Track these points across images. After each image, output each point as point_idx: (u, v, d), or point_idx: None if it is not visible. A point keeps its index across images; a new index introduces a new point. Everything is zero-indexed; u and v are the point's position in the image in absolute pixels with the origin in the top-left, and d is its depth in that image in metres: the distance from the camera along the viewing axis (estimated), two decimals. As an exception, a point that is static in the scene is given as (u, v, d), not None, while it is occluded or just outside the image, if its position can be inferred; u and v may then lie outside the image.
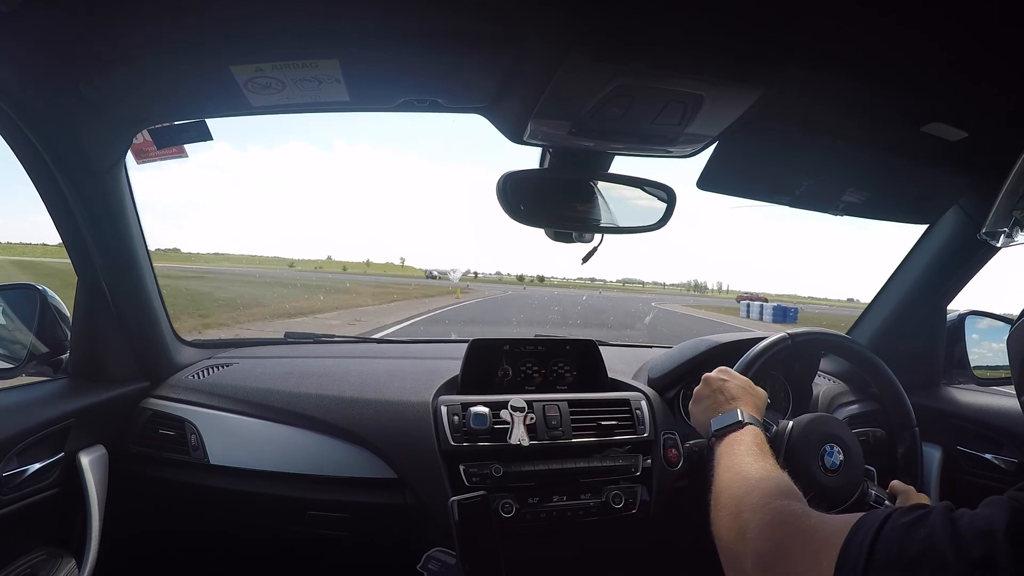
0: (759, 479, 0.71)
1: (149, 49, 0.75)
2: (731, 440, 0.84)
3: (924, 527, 0.43)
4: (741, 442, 0.83)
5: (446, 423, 1.18)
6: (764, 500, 0.64)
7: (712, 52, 0.74)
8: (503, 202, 1.01)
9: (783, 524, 0.59)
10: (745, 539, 0.62)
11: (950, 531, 0.41)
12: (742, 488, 0.70)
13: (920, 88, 0.85)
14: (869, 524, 0.47)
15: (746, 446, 0.82)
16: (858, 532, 0.47)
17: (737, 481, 0.73)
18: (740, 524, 0.64)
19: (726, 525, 0.68)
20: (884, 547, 0.44)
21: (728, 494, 0.72)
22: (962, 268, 1.38)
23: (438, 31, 0.73)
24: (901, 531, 0.44)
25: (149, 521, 1.30)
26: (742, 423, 0.86)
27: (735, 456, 0.80)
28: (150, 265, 1.23)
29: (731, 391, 0.94)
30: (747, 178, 1.13)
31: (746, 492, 0.69)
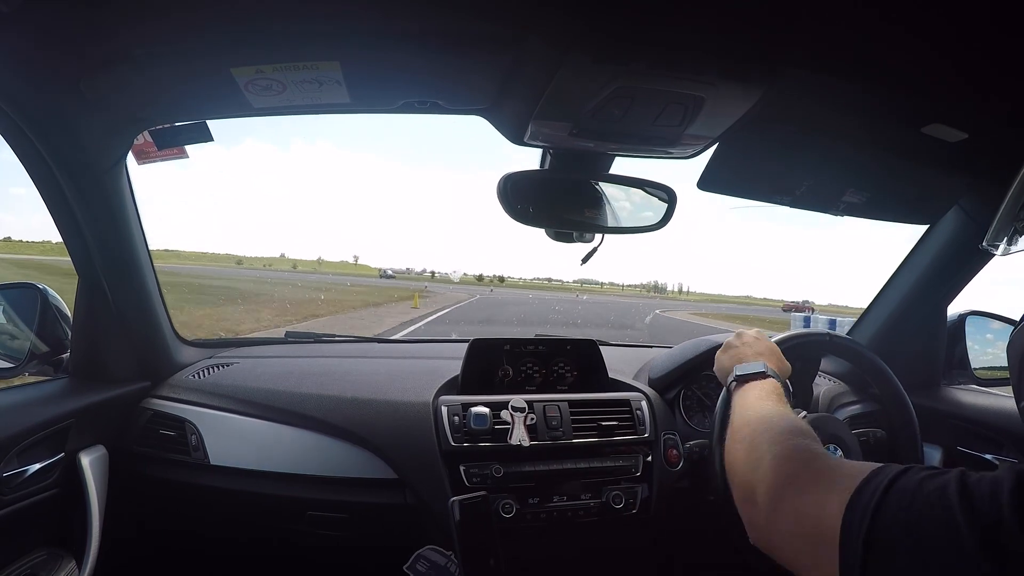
0: (778, 418, 0.71)
1: (150, 50, 0.75)
2: (751, 386, 0.85)
3: (938, 480, 0.43)
4: (761, 389, 0.84)
5: (446, 423, 1.18)
6: (781, 435, 0.64)
7: (713, 53, 0.74)
8: (504, 203, 1.02)
9: (799, 459, 0.59)
10: (759, 471, 0.62)
11: (961, 486, 0.42)
12: (760, 424, 0.71)
13: (920, 89, 0.85)
14: (889, 471, 0.47)
15: (766, 392, 0.82)
16: (876, 476, 0.47)
17: (755, 418, 0.74)
18: (755, 457, 0.64)
19: (741, 458, 0.68)
20: (898, 492, 0.44)
21: (745, 430, 0.72)
22: (963, 269, 1.38)
23: (439, 33, 0.73)
24: (916, 481, 0.44)
25: (149, 521, 1.30)
26: (765, 374, 0.87)
27: (754, 399, 0.81)
28: (151, 265, 1.23)
29: (761, 348, 0.95)
30: (748, 179, 1.13)
31: (764, 428, 0.69)
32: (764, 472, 0.60)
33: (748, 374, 0.88)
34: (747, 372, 0.88)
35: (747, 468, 0.65)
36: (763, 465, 0.61)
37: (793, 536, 0.53)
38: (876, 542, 0.43)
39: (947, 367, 1.50)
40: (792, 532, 0.53)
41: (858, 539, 0.44)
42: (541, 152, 1.08)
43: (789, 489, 0.56)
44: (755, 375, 0.87)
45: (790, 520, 0.54)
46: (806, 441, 0.62)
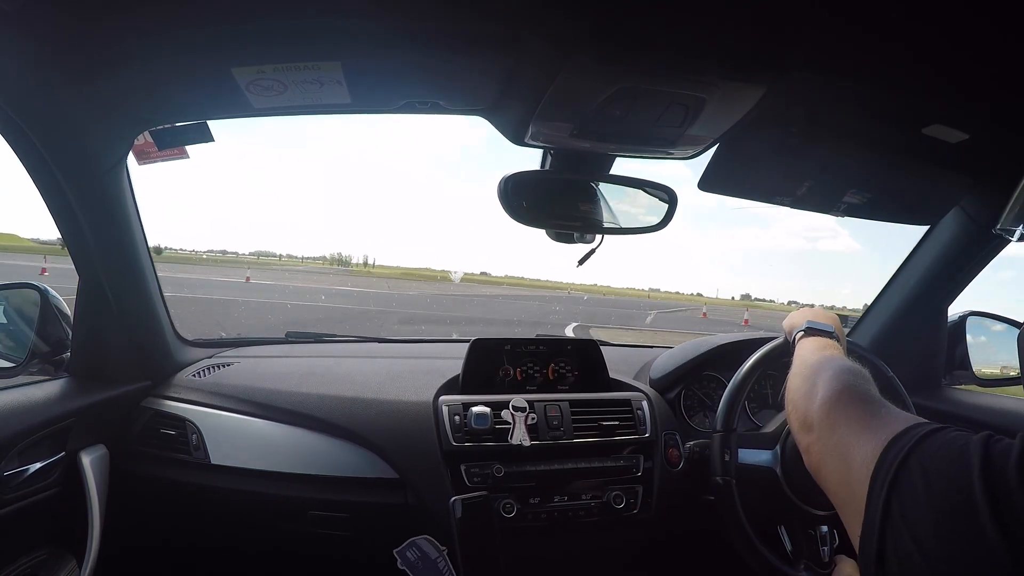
0: (841, 361, 0.74)
1: (151, 50, 0.75)
2: (817, 339, 0.89)
3: (963, 441, 0.45)
4: (826, 343, 0.88)
5: (447, 423, 1.18)
6: (842, 373, 0.67)
7: (714, 54, 0.74)
8: (504, 203, 1.02)
9: (856, 397, 0.62)
10: (816, 400, 0.65)
11: (983, 449, 0.43)
12: (821, 363, 0.73)
13: (921, 90, 0.85)
14: (921, 429, 0.49)
15: (831, 346, 0.86)
16: (910, 431, 0.49)
17: (817, 360, 0.77)
18: (815, 389, 0.67)
19: (801, 389, 0.72)
20: (924, 450, 0.46)
21: (807, 368, 0.76)
22: (963, 269, 1.38)
23: (440, 33, 0.73)
24: (944, 442, 0.46)
25: (150, 521, 1.30)
26: (833, 334, 0.91)
27: (819, 347, 0.85)
28: (151, 265, 1.23)
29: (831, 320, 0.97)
30: (748, 179, 1.13)
31: (826, 366, 0.71)
32: (822, 402, 0.64)
33: (818, 329, 0.92)
34: (818, 327, 0.92)
35: (807, 398, 0.68)
36: (821, 395, 0.65)
37: (836, 470, 0.56)
38: (897, 496, 0.45)
39: (948, 368, 1.50)
40: (835, 467, 0.56)
41: (882, 489, 0.46)
42: (542, 153, 1.08)
43: (842, 424, 0.59)
44: (824, 332, 0.91)
45: (837, 454, 0.57)
46: (866, 384, 0.65)
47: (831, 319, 0.98)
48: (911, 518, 0.43)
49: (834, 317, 1.00)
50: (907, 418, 0.53)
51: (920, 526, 0.42)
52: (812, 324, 0.93)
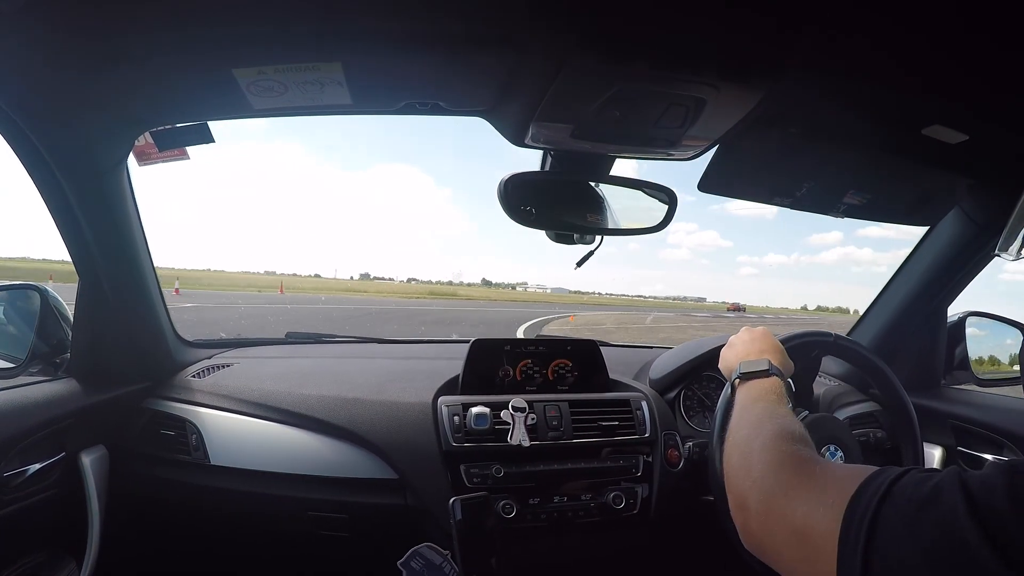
0: (773, 422, 0.70)
1: (151, 52, 0.75)
2: (753, 385, 0.85)
3: (935, 481, 0.43)
4: (762, 388, 0.83)
5: (447, 423, 1.19)
6: (775, 441, 0.64)
7: (714, 56, 0.74)
8: (504, 204, 1.02)
9: (790, 465, 0.58)
10: (751, 477, 0.61)
11: (959, 483, 0.41)
12: (754, 429, 0.70)
13: (920, 91, 0.85)
14: (886, 475, 0.46)
15: (766, 392, 0.82)
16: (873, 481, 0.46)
17: (751, 422, 0.73)
18: (748, 463, 0.64)
19: (734, 463, 0.68)
20: (896, 497, 0.44)
21: (740, 433, 0.72)
22: (963, 270, 1.38)
23: (440, 35, 0.73)
24: (914, 484, 0.44)
25: (150, 521, 1.30)
26: (769, 372, 0.86)
27: (754, 399, 0.81)
28: (151, 266, 1.23)
29: (767, 345, 0.95)
30: (748, 180, 1.13)
31: (758, 433, 0.68)
32: (756, 479, 0.60)
33: (752, 372, 0.87)
34: (751, 369, 0.87)
35: (740, 474, 0.64)
36: (755, 472, 0.61)
37: (786, 544, 0.53)
38: (876, 550, 0.42)
39: (947, 368, 1.50)
40: (785, 540, 0.53)
41: (856, 547, 0.43)
42: (541, 154, 1.08)
43: (779, 496, 0.55)
44: (758, 373, 0.87)
45: (782, 527, 0.53)
46: (797, 447, 0.62)
47: (763, 342, 0.95)
48: (898, 568, 0.41)
49: (764, 337, 0.96)
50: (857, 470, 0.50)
51: (911, 574, 0.40)
52: (745, 369, 0.88)
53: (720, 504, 1.01)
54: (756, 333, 0.98)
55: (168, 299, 1.34)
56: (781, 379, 0.86)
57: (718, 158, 1.03)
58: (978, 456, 1.33)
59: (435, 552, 1.12)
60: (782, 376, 0.87)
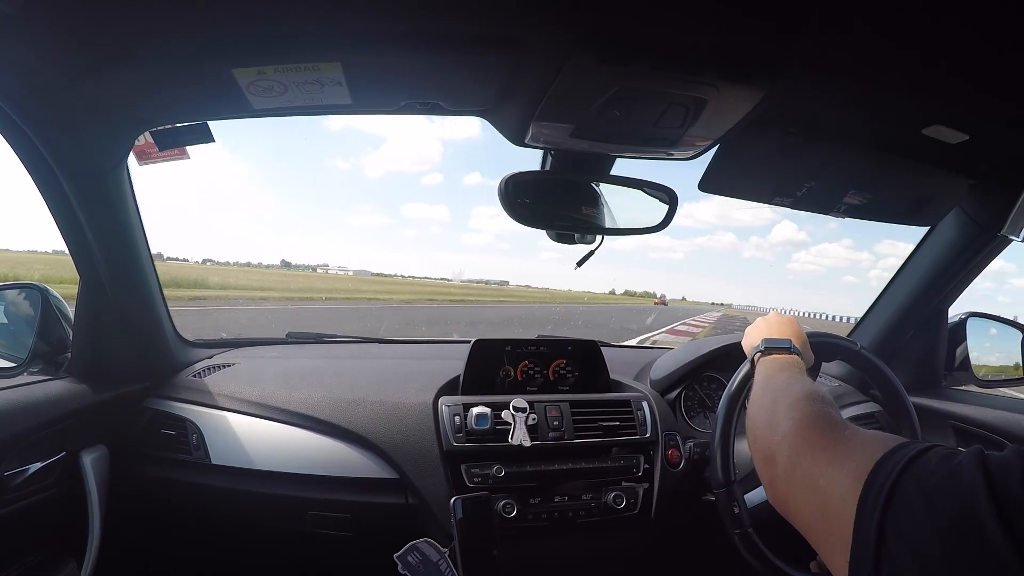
0: (800, 384, 0.71)
1: (152, 52, 0.75)
2: (775, 359, 0.86)
3: (957, 460, 0.43)
4: (784, 361, 0.85)
5: (447, 423, 1.19)
6: (804, 401, 0.64)
7: (715, 55, 0.74)
8: (505, 203, 1.02)
9: (818, 425, 0.59)
10: (778, 432, 0.62)
11: (980, 462, 0.41)
12: (781, 391, 0.71)
13: (921, 91, 0.85)
14: (909, 450, 0.46)
15: (789, 366, 0.83)
16: (896, 453, 0.46)
17: (777, 385, 0.74)
18: (776, 419, 0.64)
19: (762, 420, 0.68)
20: (916, 473, 0.44)
21: (767, 395, 0.73)
22: (964, 270, 1.38)
23: (440, 34, 0.73)
24: (935, 462, 0.44)
25: (150, 521, 1.30)
26: (791, 351, 0.88)
27: (777, 369, 0.82)
28: (152, 265, 1.23)
29: (791, 331, 0.95)
30: (749, 180, 1.13)
31: (785, 394, 0.69)
32: (783, 434, 0.61)
33: (775, 346, 0.89)
34: (775, 344, 0.89)
35: (767, 430, 0.65)
36: (782, 428, 0.62)
37: (808, 502, 0.53)
38: (891, 520, 0.43)
39: (948, 368, 1.50)
40: (807, 498, 0.54)
41: (873, 514, 0.44)
42: (542, 153, 1.08)
43: (806, 454, 0.56)
44: (781, 349, 0.88)
45: (805, 485, 0.54)
46: (826, 408, 0.62)
47: (788, 327, 0.95)
48: (912, 540, 0.41)
49: (791, 323, 0.97)
50: (883, 439, 0.50)
51: (924, 548, 0.40)
52: (768, 342, 0.90)
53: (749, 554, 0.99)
54: (784, 318, 1.00)
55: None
56: (802, 359, 0.88)
57: (719, 158, 1.03)
58: None
59: (433, 549, 1.12)
60: (803, 358, 0.88)
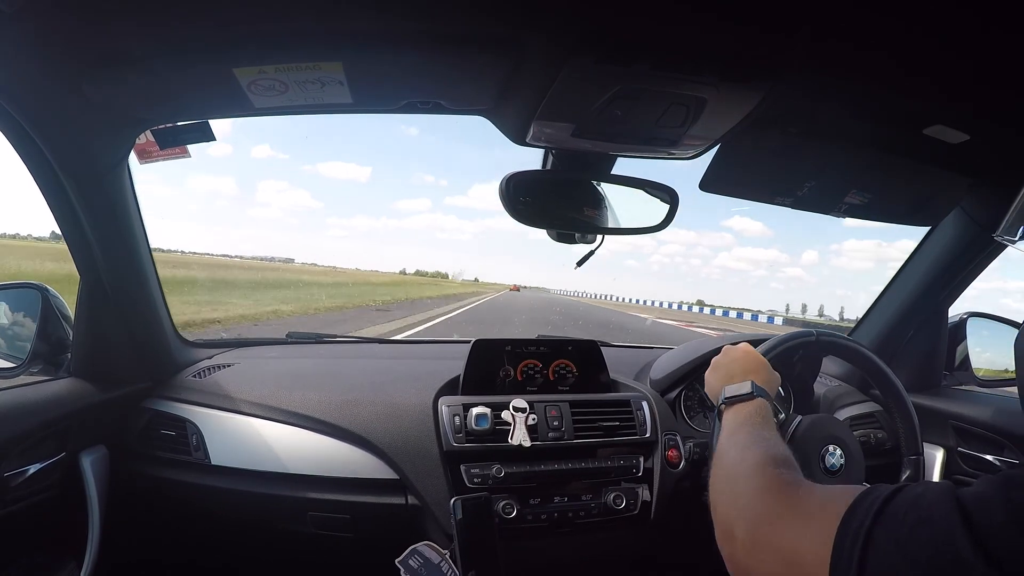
0: (757, 448, 0.71)
1: (152, 50, 0.75)
2: (738, 409, 0.85)
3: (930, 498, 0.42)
4: (747, 412, 0.84)
5: (447, 424, 1.18)
6: (759, 467, 0.64)
7: (715, 55, 0.74)
8: (505, 203, 1.02)
9: (777, 491, 0.58)
10: (737, 506, 0.61)
11: (953, 499, 0.41)
12: (740, 455, 0.70)
13: (921, 91, 0.85)
14: (878, 494, 0.45)
15: (751, 416, 0.82)
16: (865, 499, 0.46)
17: (736, 448, 0.73)
18: (734, 491, 0.64)
19: (721, 489, 0.68)
20: (890, 516, 0.43)
21: (726, 460, 0.72)
22: (964, 270, 1.38)
23: (441, 34, 0.73)
24: (908, 502, 0.43)
25: (150, 521, 1.30)
26: (753, 395, 0.86)
27: (739, 424, 0.81)
28: (152, 265, 1.23)
29: (747, 365, 0.95)
30: (750, 180, 1.13)
31: (742, 459, 0.68)
32: (742, 507, 0.60)
33: (735, 396, 0.87)
34: (734, 394, 0.88)
35: (727, 503, 0.64)
36: (740, 500, 0.61)
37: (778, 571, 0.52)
38: (870, 570, 0.42)
39: (948, 368, 1.50)
40: (773, 569, 0.52)
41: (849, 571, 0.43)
42: (543, 153, 1.08)
43: (766, 524, 0.55)
44: (742, 397, 0.87)
45: (770, 556, 0.53)
46: (781, 471, 0.62)
47: (745, 363, 0.94)
48: None
49: (743, 358, 0.96)
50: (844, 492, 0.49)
51: None
52: (728, 394, 0.88)
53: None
54: (737, 353, 0.99)
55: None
56: (766, 399, 0.87)
57: (719, 158, 1.03)
58: (979, 456, 1.33)
59: (434, 551, 1.11)
60: (766, 395, 0.87)
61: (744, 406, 0.85)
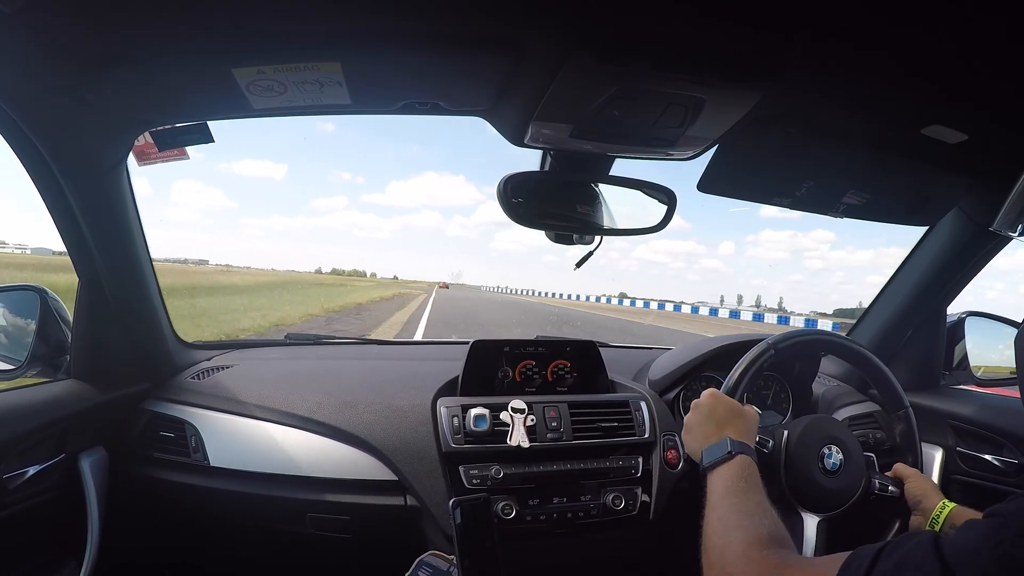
0: (743, 525, 0.72)
1: (151, 52, 0.75)
2: (720, 474, 0.85)
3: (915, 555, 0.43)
4: (729, 477, 0.83)
5: (446, 425, 1.18)
6: (746, 551, 0.66)
7: (713, 55, 0.74)
8: (504, 204, 1.02)
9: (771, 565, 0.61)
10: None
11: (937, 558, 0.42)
12: (726, 537, 0.72)
13: (920, 91, 0.85)
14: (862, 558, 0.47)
15: (734, 481, 0.82)
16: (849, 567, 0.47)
17: (722, 528, 0.75)
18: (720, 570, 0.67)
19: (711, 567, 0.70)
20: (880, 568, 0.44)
21: (713, 541, 0.74)
22: (962, 269, 1.38)
23: (439, 34, 0.73)
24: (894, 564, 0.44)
25: (149, 523, 1.30)
26: (732, 454, 0.86)
27: (723, 494, 0.81)
28: (151, 267, 1.23)
29: (720, 418, 0.94)
30: (748, 180, 1.13)
31: (728, 543, 0.70)
32: None
33: (715, 462, 0.87)
34: (713, 460, 0.87)
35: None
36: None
37: None
38: None
39: (947, 368, 1.50)
40: None
41: None
42: (541, 153, 1.09)
43: None
44: (721, 459, 0.86)
45: None
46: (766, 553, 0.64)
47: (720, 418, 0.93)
48: None
49: (718, 410, 0.95)
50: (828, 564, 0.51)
51: None
52: (708, 462, 0.88)
53: None
54: (705, 408, 0.97)
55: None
56: (746, 451, 0.86)
57: (718, 158, 1.03)
58: (978, 456, 1.33)
59: (440, 559, 1.11)
60: (746, 448, 0.87)
61: (726, 468, 0.85)
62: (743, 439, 0.90)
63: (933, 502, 0.98)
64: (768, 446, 1.05)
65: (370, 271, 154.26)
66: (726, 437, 0.89)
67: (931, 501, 0.98)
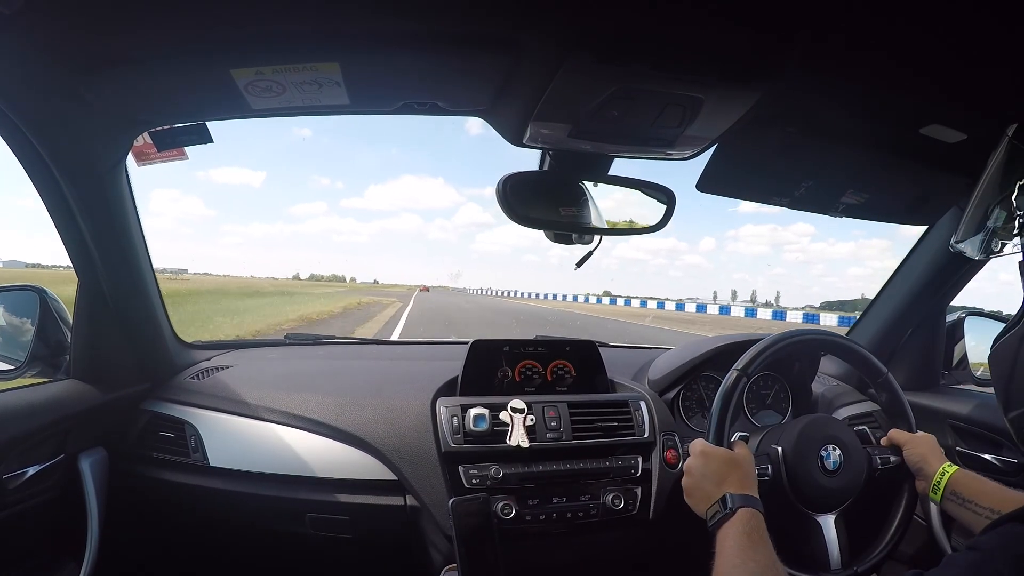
0: None
1: (150, 52, 0.75)
2: (724, 534, 0.84)
3: None
4: (734, 535, 0.83)
5: (445, 425, 1.18)
6: None
7: (712, 55, 0.74)
8: (503, 204, 1.02)
9: None
10: None
11: None
12: None
13: (918, 90, 0.85)
14: None
15: (737, 540, 0.82)
16: None
17: None
18: None
19: None
20: None
21: None
22: (961, 269, 1.38)
23: (438, 35, 0.73)
24: None
25: (149, 523, 1.30)
26: (733, 511, 0.85)
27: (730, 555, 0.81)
28: (151, 267, 1.23)
29: (714, 474, 0.92)
30: (747, 180, 1.13)
31: None
32: None
33: (721, 517, 0.86)
34: (716, 520, 0.87)
35: None
36: None
37: None
38: None
39: (946, 367, 1.50)
40: None
41: None
42: (540, 153, 1.08)
43: None
44: (725, 517, 0.86)
45: None
46: None
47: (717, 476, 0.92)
48: None
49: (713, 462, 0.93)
50: None
51: None
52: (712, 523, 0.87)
53: None
54: (697, 468, 0.95)
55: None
56: (748, 503, 0.86)
57: (717, 158, 1.03)
58: (977, 455, 1.33)
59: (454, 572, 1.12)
60: (747, 501, 0.86)
61: (730, 526, 0.84)
62: (744, 487, 0.89)
63: (934, 467, 0.99)
64: (769, 473, 1.04)
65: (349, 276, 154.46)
66: (725, 493, 0.88)
67: (931, 466, 1.00)
